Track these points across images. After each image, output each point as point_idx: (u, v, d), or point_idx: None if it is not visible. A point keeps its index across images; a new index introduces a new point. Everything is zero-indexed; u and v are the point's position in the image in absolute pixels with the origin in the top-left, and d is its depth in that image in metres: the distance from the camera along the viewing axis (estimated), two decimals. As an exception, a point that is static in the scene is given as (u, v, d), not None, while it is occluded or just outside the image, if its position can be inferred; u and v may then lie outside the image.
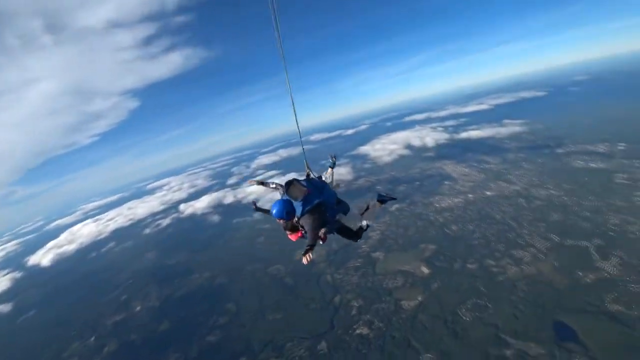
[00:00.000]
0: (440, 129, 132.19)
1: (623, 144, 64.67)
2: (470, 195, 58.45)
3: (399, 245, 47.91)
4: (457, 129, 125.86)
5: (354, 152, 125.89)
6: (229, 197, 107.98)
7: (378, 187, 73.28)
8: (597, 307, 28.59)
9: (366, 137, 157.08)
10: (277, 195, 6.20)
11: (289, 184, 5.94)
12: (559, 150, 70.93)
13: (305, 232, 5.62)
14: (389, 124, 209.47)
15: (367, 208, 7.14)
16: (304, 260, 4.64)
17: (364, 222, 6.85)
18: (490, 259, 39.35)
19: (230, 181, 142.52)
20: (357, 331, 33.82)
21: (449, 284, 36.89)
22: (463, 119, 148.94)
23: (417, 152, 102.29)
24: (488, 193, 57.85)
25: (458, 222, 50.15)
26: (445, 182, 67.76)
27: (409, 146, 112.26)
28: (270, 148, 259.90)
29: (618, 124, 78.65)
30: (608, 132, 73.44)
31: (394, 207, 59.93)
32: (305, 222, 5.54)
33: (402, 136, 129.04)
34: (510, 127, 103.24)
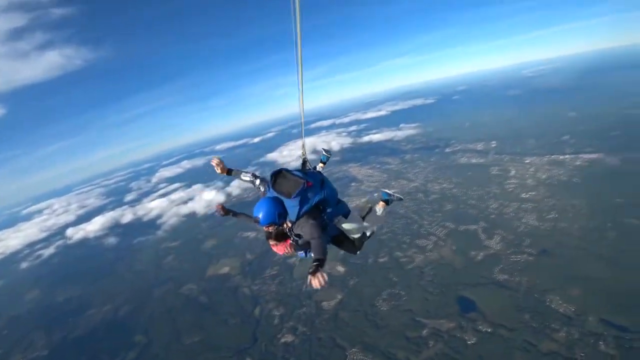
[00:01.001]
0: (345, 134, 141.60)
1: (494, 142, 77.76)
2: (375, 195, 62.06)
3: (315, 252, 48.76)
4: (359, 133, 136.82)
5: (262, 160, 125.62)
6: (127, 215, 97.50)
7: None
8: (489, 279, 33.70)
9: (274, 144, 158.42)
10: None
11: (277, 174, 4.64)
12: (447, 150, 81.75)
13: (297, 242, 4.52)
14: (295, 130, 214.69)
15: (369, 210, 5.92)
16: (316, 283, 3.16)
17: (367, 230, 5.57)
18: (399, 250, 42.88)
19: (129, 197, 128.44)
20: (282, 340, 33.30)
21: (365, 279, 39.02)
22: (364, 124, 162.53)
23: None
24: (392, 191, 63.25)
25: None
26: (352, 184, 71.99)
27: (315, 151, 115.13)
28: (173, 160, 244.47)
29: (490, 126, 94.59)
30: (483, 133, 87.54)
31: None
32: (304, 227, 4.30)
33: (308, 142, 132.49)
34: (406, 131, 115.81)
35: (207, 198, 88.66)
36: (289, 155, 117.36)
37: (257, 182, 5.06)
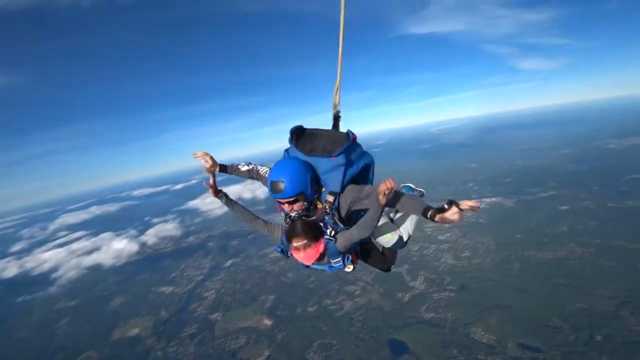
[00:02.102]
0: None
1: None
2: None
3: (237, 302, 45.89)
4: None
5: (183, 207, 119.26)
6: (10, 268, 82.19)
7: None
8: (417, 319, 34.84)
9: (197, 191, 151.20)
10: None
11: (299, 131, 3.46)
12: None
13: (334, 238, 3.19)
14: (219, 178, 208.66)
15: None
16: (471, 204, 2.49)
17: (403, 233, 4.11)
18: (327, 298, 42.36)
19: (16, 247, 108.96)
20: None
21: (294, 331, 37.32)
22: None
23: (249, 205, 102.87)
24: (319, 239, 64.26)
25: (293, 269, 52.40)
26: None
27: (240, 199, 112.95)
28: (80, 205, 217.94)
29: (406, 175, 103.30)
30: (401, 181, 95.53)
31: (228, 262, 58.59)
32: (363, 200, 3.15)
33: (233, 190, 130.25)
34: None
35: (116, 247, 79.00)
36: (212, 203, 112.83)
37: (264, 170, 3.85)
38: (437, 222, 2.67)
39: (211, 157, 3.80)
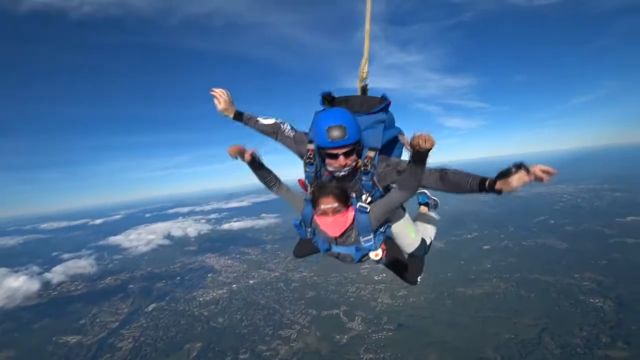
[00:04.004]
0: (204, 221, 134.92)
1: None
2: (234, 286, 58.89)
3: (158, 351, 39.94)
4: (219, 221, 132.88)
5: (102, 243, 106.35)
6: None
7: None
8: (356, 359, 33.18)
9: (119, 227, 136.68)
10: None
11: (331, 96, 3.33)
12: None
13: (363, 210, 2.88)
14: (148, 215, 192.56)
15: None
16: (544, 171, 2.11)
17: (425, 236, 3.88)
18: (262, 344, 39.05)
19: None
20: None
21: (223, 384, 33.37)
22: (225, 213, 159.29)
23: (179, 245, 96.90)
24: (251, 281, 60.26)
25: (224, 313, 48.41)
26: (209, 275, 65.85)
27: (169, 236, 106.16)
28: None
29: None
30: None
31: (150, 307, 51.91)
32: (391, 169, 2.93)
33: (162, 227, 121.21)
34: (267, 220, 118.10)
35: (10, 286, 64.81)
36: (137, 240, 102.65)
37: (288, 129, 3.43)
38: (495, 192, 2.36)
39: (229, 99, 3.45)
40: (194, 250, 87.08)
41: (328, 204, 2.72)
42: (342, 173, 2.88)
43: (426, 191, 4.38)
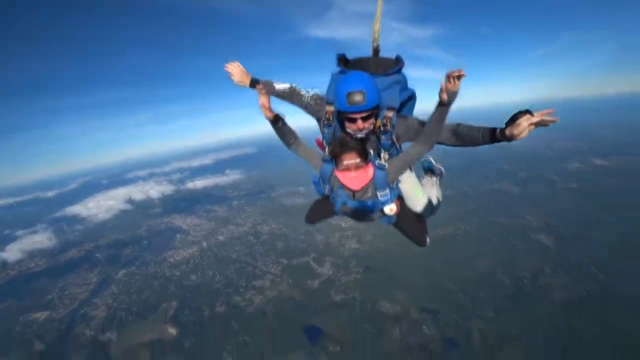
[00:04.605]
0: (166, 182, 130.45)
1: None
2: (204, 244, 58.98)
3: (134, 315, 40.10)
4: (182, 180, 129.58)
5: (58, 214, 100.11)
6: None
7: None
8: (328, 303, 35.63)
9: (75, 196, 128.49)
10: None
11: (345, 58, 3.45)
12: (273, 194, 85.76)
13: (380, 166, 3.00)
14: (105, 181, 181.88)
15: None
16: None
17: (432, 197, 3.95)
18: (236, 295, 40.26)
19: None
20: None
21: (203, 336, 34.41)
22: (188, 172, 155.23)
23: (142, 209, 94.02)
24: (221, 238, 60.57)
25: (197, 271, 48.85)
26: (177, 236, 65.14)
27: (130, 201, 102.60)
28: None
29: (308, 172, 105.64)
30: (303, 178, 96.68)
31: (120, 273, 51.12)
32: (407, 129, 3.06)
33: (122, 192, 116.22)
34: (232, 176, 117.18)
35: None
36: (96, 208, 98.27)
37: (305, 93, 3.43)
38: (506, 140, 2.50)
39: (241, 69, 3.43)
40: (159, 212, 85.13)
41: (351, 159, 2.84)
42: (360, 135, 2.97)
43: (431, 158, 4.41)
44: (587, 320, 29.23)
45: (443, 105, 2.53)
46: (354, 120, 2.87)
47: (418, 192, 3.75)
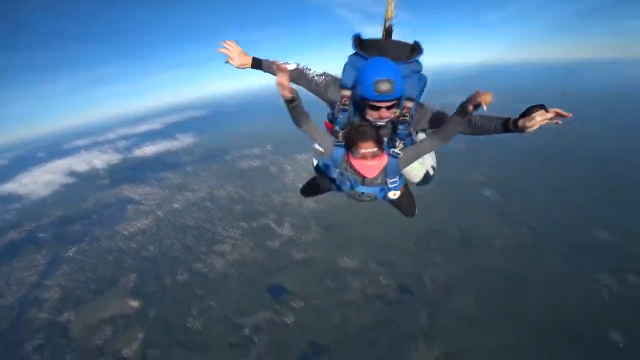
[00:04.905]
0: (111, 150, 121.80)
1: (269, 146, 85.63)
2: (159, 212, 57.03)
3: (91, 292, 38.60)
4: (129, 148, 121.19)
5: None
6: None
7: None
8: (289, 262, 36.65)
9: (7, 173, 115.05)
10: None
11: (360, 39, 3.25)
12: (227, 157, 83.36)
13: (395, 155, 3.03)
14: (41, 154, 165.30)
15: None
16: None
17: (428, 167, 4.05)
18: (197, 262, 39.96)
19: None
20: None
21: (166, 305, 34.12)
22: (135, 139, 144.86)
23: (87, 181, 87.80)
24: (176, 205, 58.75)
25: (154, 241, 47.47)
26: (129, 207, 62.16)
27: (73, 173, 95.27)
28: None
29: (263, 132, 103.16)
30: (258, 139, 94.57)
31: (70, 251, 48.22)
32: (424, 115, 3.10)
33: (62, 164, 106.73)
34: (183, 140, 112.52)
35: None
36: (33, 183, 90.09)
37: (314, 73, 3.30)
38: (518, 131, 2.59)
39: (239, 50, 3.23)
40: (107, 184, 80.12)
41: (368, 148, 2.83)
42: (380, 123, 2.97)
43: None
44: (525, 264, 32.96)
45: (466, 112, 2.53)
46: (377, 109, 2.84)
47: (417, 166, 3.82)
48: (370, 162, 2.91)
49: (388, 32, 3.50)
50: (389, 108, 2.84)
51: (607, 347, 24.67)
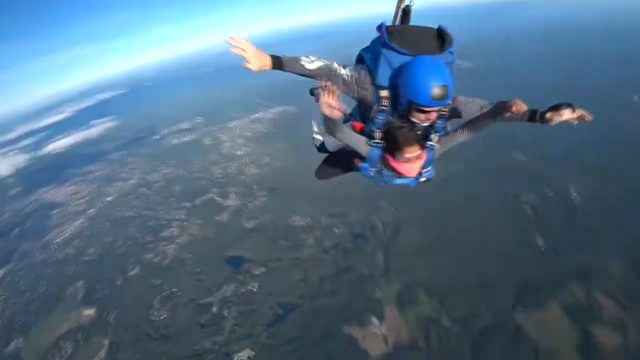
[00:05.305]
0: (15, 151, 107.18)
1: (199, 118, 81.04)
2: (91, 210, 52.36)
3: (36, 313, 34.94)
4: (38, 145, 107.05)
5: None
6: None
7: None
8: (242, 231, 36.62)
9: None
10: None
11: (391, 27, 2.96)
12: (156, 137, 77.57)
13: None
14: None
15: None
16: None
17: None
18: (147, 253, 38.01)
19: None
20: None
21: (124, 304, 32.42)
22: (42, 134, 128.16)
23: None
24: (109, 199, 54.27)
25: (93, 242, 43.81)
26: (54, 211, 56.19)
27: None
28: None
29: (191, 104, 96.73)
30: (186, 112, 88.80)
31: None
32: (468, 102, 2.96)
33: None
34: (101, 126, 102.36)
35: None
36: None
37: (341, 69, 2.92)
38: (543, 122, 2.52)
39: (254, 49, 2.69)
40: (20, 191, 70.88)
41: (414, 152, 2.79)
42: (425, 124, 2.86)
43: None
44: (459, 192, 36.06)
45: (501, 114, 2.61)
46: (426, 112, 2.69)
47: None
48: (414, 165, 2.89)
49: (405, 12, 3.31)
50: (437, 111, 2.76)
51: (533, 253, 28.63)
